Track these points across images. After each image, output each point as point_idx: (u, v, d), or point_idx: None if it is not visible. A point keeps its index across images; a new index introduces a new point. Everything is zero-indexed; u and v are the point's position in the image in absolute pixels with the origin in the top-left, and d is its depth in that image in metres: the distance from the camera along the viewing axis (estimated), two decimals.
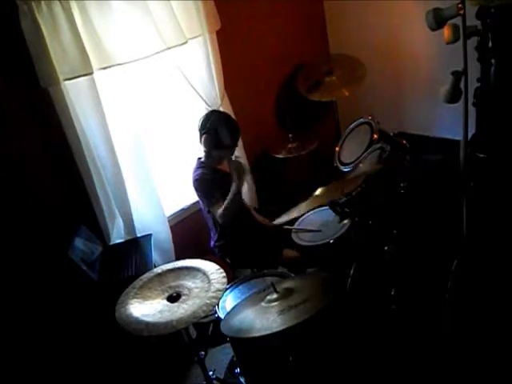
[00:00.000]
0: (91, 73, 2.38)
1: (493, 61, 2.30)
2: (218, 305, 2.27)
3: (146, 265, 2.48)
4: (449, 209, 2.61)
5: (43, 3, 2.18)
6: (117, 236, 2.76)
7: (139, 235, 2.78)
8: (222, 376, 2.48)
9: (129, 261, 2.53)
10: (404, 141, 2.73)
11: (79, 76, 2.35)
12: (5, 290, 2.32)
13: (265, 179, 3.51)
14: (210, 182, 2.64)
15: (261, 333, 1.74)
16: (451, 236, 2.51)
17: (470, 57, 2.11)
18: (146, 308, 1.90)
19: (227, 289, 2.37)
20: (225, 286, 1.96)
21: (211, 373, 2.22)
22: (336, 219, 2.61)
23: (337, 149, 2.81)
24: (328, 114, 3.73)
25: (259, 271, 2.54)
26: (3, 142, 2.32)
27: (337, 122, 3.69)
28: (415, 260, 2.56)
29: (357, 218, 2.56)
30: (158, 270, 2.10)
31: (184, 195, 3.11)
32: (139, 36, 2.52)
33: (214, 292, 1.89)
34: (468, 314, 2.31)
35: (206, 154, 2.71)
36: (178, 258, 2.39)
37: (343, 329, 2.04)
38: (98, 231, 2.65)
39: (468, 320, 2.30)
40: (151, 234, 2.77)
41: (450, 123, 2.95)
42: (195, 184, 2.67)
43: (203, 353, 2.20)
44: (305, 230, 2.76)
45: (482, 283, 2.37)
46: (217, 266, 2.04)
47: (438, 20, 2.01)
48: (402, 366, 2.21)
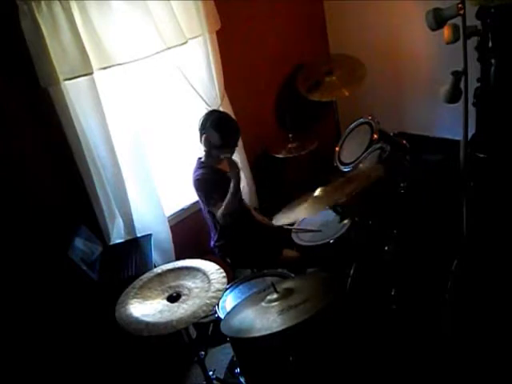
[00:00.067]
0: (91, 73, 2.38)
1: (493, 61, 2.30)
2: (218, 305, 2.27)
3: (146, 265, 2.48)
4: (449, 209, 2.61)
5: (43, 3, 2.18)
6: (117, 236, 2.76)
7: (139, 235, 2.78)
8: (222, 376, 2.48)
9: (129, 261, 2.53)
10: (404, 141, 2.73)
11: (79, 76, 2.35)
12: (5, 290, 2.32)
13: (265, 179, 3.51)
14: (211, 182, 2.64)
15: (261, 333, 1.74)
16: (451, 236, 2.51)
17: (470, 57, 2.10)
18: (146, 308, 1.89)
19: (227, 289, 2.37)
20: (225, 286, 1.96)
21: (211, 373, 2.22)
22: (336, 219, 2.61)
23: (337, 149, 2.81)
24: (328, 114, 3.73)
25: (259, 271, 2.54)
26: (3, 142, 2.32)
27: (337, 122, 3.69)
28: (415, 260, 2.56)
29: (357, 218, 2.57)
30: (158, 270, 2.10)
31: (184, 195, 3.11)
32: (139, 36, 2.52)
33: (214, 292, 1.89)
34: (468, 314, 2.31)
35: (206, 154, 2.71)
36: (178, 258, 2.39)
37: (343, 329, 2.04)
38: (98, 231, 2.65)
39: (468, 320, 2.30)
40: (151, 234, 2.77)
41: (450, 123, 2.95)
42: (196, 184, 2.67)
43: (203, 353, 2.20)
44: (305, 230, 2.76)
45: (482, 283, 2.37)
46: (217, 266, 2.04)
47: (438, 20, 2.01)
48: (402, 366, 2.21)
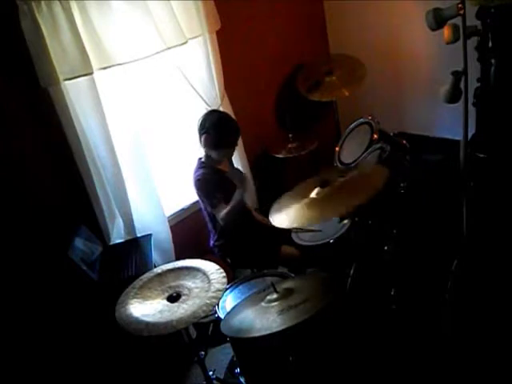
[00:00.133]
0: (91, 73, 2.38)
1: (493, 61, 2.30)
2: (218, 305, 2.27)
3: (146, 265, 2.48)
4: (449, 209, 2.61)
5: (43, 3, 2.18)
6: (117, 236, 2.76)
7: (139, 235, 2.78)
8: (222, 376, 2.48)
9: (129, 261, 2.53)
10: (404, 141, 2.73)
11: (79, 76, 2.35)
12: (5, 290, 2.32)
13: (265, 179, 3.51)
14: (211, 183, 2.64)
15: (261, 333, 1.74)
16: (451, 236, 2.51)
17: (470, 57, 2.10)
18: (146, 308, 1.89)
19: (227, 289, 2.37)
20: (225, 286, 1.96)
21: (211, 373, 2.22)
22: (336, 219, 2.61)
23: (337, 149, 2.81)
24: (328, 114, 3.73)
25: (259, 271, 2.54)
26: (3, 142, 2.32)
27: (337, 122, 3.68)
28: (415, 260, 2.56)
29: (357, 218, 2.57)
30: (158, 270, 2.10)
31: (184, 195, 3.11)
32: (139, 36, 2.52)
33: (214, 292, 1.89)
34: (468, 314, 2.31)
35: (206, 154, 2.71)
36: (178, 258, 2.39)
37: (343, 329, 2.04)
38: (98, 231, 2.64)
39: (468, 320, 2.30)
40: (151, 234, 2.76)
41: (450, 123, 2.95)
42: (196, 184, 2.67)
43: (203, 353, 2.20)
44: (305, 230, 2.76)
45: (482, 283, 2.37)
46: (217, 266, 2.04)
47: (438, 20, 2.01)
48: (402, 366, 2.21)
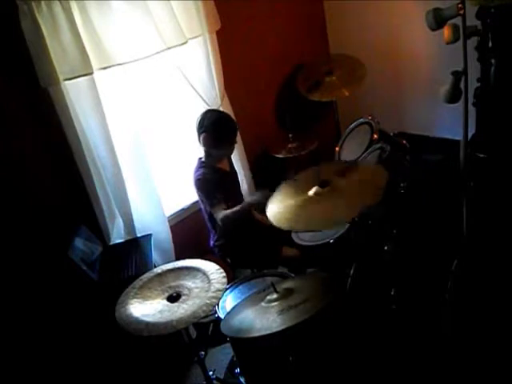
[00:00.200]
0: (91, 73, 2.38)
1: (493, 61, 2.29)
2: (218, 305, 2.27)
3: (146, 265, 2.48)
4: (449, 209, 2.61)
5: (43, 3, 2.18)
6: (117, 236, 2.76)
7: (139, 235, 2.78)
8: (222, 376, 2.48)
9: (129, 261, 2.53)
10: (404, 141, 2.73)
11: (79, 76, 2.35)
12: (5, 290, 2.32)
13: (265, 179, 3.50)
14: (212, 182, 2.64)
15: (261, 333, 1.74)
16: (451, 236, 2.51)
17: (470, 57, 2.10)
18: (146, 308, 1.89)
19: (227, 289, 2.37)
20: (225, 286, 1.96)
21: (211, 373, 2.22)
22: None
23: (337, 149, 2.82)
24: (328, 114, 3.73)
25: (259, 271, 2.54)
26: (3, 142, 2.32)
27: (337, 122, 3.68)
28: (415, 260, 2.56)
29: (357, 218, 2.56)
30: (158, 270, 2.10)
31: (184, 195, 3.11)
32: (139, 36, 2.52)
33: (214, 292, 1.89)
34: (468, 314, 2.31)
35: (206, 154, 2.71)
36: (178, 258, 2.39)
37: (343, 329, 2.04)
38: (98, 231, 2.64)
39: (468, 320, 2.29)
40: (151, 234, 2.76)
41: (450, 123, 2.95)
42: (197, 184, 2.67)
43: (203, 353, 2.20)
44: (305, 230, 2.76)
45: (482, 283, 2.37)
46: (217, 266, 2.04)
47: (438, 20, 2.01)
48: (402, 366, 2.21)
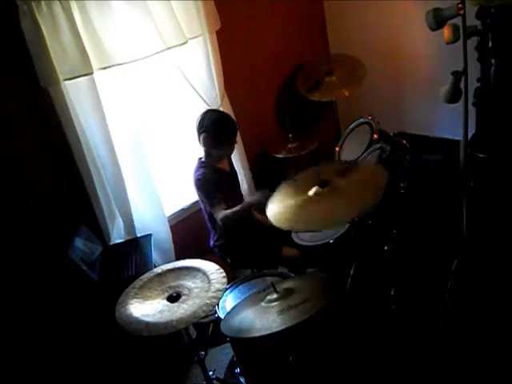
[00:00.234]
0: (91, 73, 2.38)
1: (493, 61, 2.30)
2: (218, 305, 2.27)
3: (146, 265, 2.48)
4: (449, 209, 2.61)
5: (43, 3, 2.18)
6: (117, 236, 2.76)
7: (139, 235, 2.78)
8: (222, 376, 2.48)
9: (129, 261, 2.53)
10: (404, 141, 2.73)
11: (79, 76, 2.35)
12: (5, 290, 2.32)
13: (265, 179, 3.50)
14: (212, 182, 2.64)
15: (261, 333, 1.74)
16: (451, 236, 2.51)
17: (470, 57, 2.10)
18: (146, 308, 1.89)
19: (227, 289, 2.37)
20: (225, 286, 1.96)
21: (211, 373, 2.22)
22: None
23: (337, 149, 2.82)
24: (328, 114, 3.73)
25: (259, 271, 2.54)
26: (3, 142, 2.32)
27: (337, 122, 3.68)
28: (415, 260, 2.56)
29: (357, 218, 2.56)
30: (158, 270, 2.10)
31: (184, 195, 3.11)
32: (139, 36, 2.52)
33: (214, 292, 1.89)
34: (468, 314, 2.31)
35: (206, 154, 2.71)
36: (178, 258, 2.39)
37: (343, 329, 2.04)
38: (98, 231, 2.64)
39: (468, 320, 2.30)
40: (151, 234, 2.76)
41: (450, 123, 2.95)
42: (197, 184, 2.67)
43: (203, 353, 2.20)
44: (305, 230, 2.75)
45: (482, 283, 2.37)
46: (217, 266, 2.04)
47: (438, 20, 2.01)
48: (402, 366, 2.21)
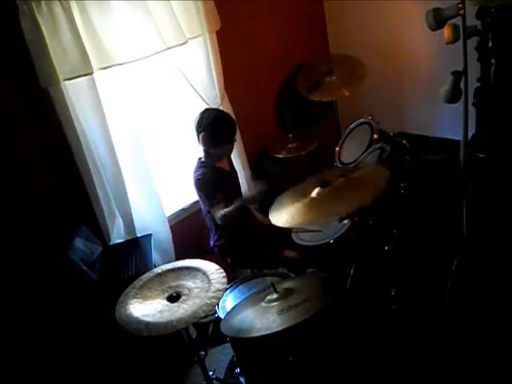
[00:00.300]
0: (91, 73, 2.38)
1: (493, 61, 2.30)
2: (218, 305, 2.27)
3: (146, 265, 2.48)
4: (449, 209, 2.61)
5: (43, 3, 2.18)
6: (117, 236, 2.76)
7: (139, 235, 2.77)
8: (222, 376, 2.48)
9: (129, 261, 2.53)
10: (404, 141, 2.73)
11: (79, 76, 2.35)
12: (5, 290, 2.32)
13: (265, 179, 3.50)
14: (212, 182, 2.64)
15: (261, 333, 1.74)
16: (451, 236, 2.51)
17: (470, 57, 2.10)
18: (146, 308, 1.90)
19: (227, 289, 2.37)
20: (225, 286, 1.96)
21: (211, 373, 2.23)
22: (336, 219, 2.61)
23: (337, 149, 2.81)
24: (328, 114, 3.73)
25: (259, 271, 2.54)
26: (3, 142, 2.32)
27: (337, 122, 3.68)
28: (415, 260, 2.56)
29: (357, 218, 2.57)
30: (158, 270, 2.10)
31: (184, 195, 3.11)
32: (139, 36, 2.52)
33: (214, 292, 1.89)
34: (468, 314, 2.31)
35: (206, 153, 2.71)
36: (178, 258, 2.39)
37: (343, 329, 2.04)
38: (98, 231, 2.64)
39: (468, 320, 2.30)
40: (151, 234, 2.76)
41: (450, 123, 2.95)
42: (197, 184, 2.67)
43: (203, 353, 2.20)
44: (305, 230, 2.76)
45: (482, 283, 2.37)
46: (217, 266, 2.04)
47: (438, 20, 2.01)
48: (402, 366, 2.21)
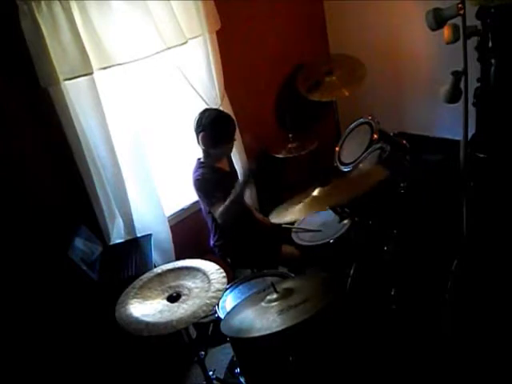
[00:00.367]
0: (91, 73, 2.38)
1: (493, 61, 2.30)
2: (218, 305, 2.27)
3: (146, 265, 2.48)
4: (449, 209, 2.61)
5: (43, 3, 2.18)
6: (117, 236, 2.76)
7: (139, 235, 2.78)
8: (222, 376, 2.48)
9: (129, 261, 2.53)
10: (404, 141, 2.73)
11: (79, 76, 2.35)
12: (5, 290, 2.32)
13: (265, 179, 3.50)
14: (211, 182, 2.63)
15: (261, 333, 1.74)
16: (451, 236, 2.51)
17: (470, 57, 2.11)
18: (146, 308, 1.89)
19: (227, 289, 2.37)
20: (225, 286, 1.96)
21: (211, 373, 2.22)
22: (336, 219, 2.61)
23: (337, 149, 2.81)
24: (328, 114, 3.73)
25: (259, 271, 2.54)
26: (3, 142, 2.32)
27: (337, 122, 3.68)
28: (415, 260, 2.56)
29: (357, 218, 2.56)
30: (158, 270, 2.10)
31: (184, 195, 3.11)
32: (139, 36, 2.52)
33: (214, 292, 1.89)
34: (468, 314, 2.31)
35: (205, 154, 2.71)
36: (178, 258, 2.39)
37: (343, 329, 2.04)
38: (98, 231, 2.64)
39: (468, 320, 2.30)
40: (151, 234, 2.77)
41: (450, 123, 2.95)
42: (196, 184, 2.67)
43: (203, 353, 2.20)
44: (305, 230, 2.76)
45: (482, 283, 2.37)
46: (217, 266, 2.04)
47: (438, 20, 2.01)
48: (402, 366, 2.21)
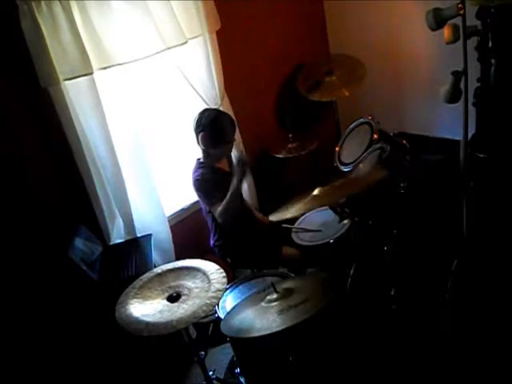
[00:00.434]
0: (91, 73, 2.38)
1: (493, 61, 2.30)
2: (218, 305, 2.27)
3: (146, 265, 2.48)
4: (449, 209, 2.61)
5: (43, 3, 2.18)
6: (117, 236, 2.76)
7: (139, 235, 2.78)
8: (222, 376, 2.49)
9: (129, 261, 2.53)
10: (404, 141, 2.73)
11: (79, 76, 2.35)
12: (5, 290, 2.32)
13: (265, 179, 3.51)
14: (211, 182, 2.63)
15: (261, 333, 1.74)
16: (451, 236, 2.51)
17: (470, 57, 2.11)
18: (146, 308, 1.89)
19: (227, 289, 2.37)
20: (225, 286, 1.96)
21: (211, 373, 2.22)
22: (336, 219, 2.61)
23: (337, 149, 2.81)
24: (328, 114, 3.73)
25: (259, 271, 2.54)
26: (3, 142, 2.32)
27: (337, 122, 3.68)
28: (415, 260, 2.56)
29: (357, 218, 2.56)
30: (158, 270, 2.10)
31: (184, 195, 3.11)
32: (139, 36, 2.52)
33: (214, 292, 1.89)
34: (468, 314, 2.31)
35: (205, 154, 2.70)
36: (178, 258, 2.39)
37: (343, 329, 2.04)
38: (98, 231, 2.65)
39: (468, 320, 2.30)
40: (151, 234, 2.77)
41: (450, 123, 2.95)
42: (196, 184, 2.67)
43: (203, 353, 2.20)
44: (305, 230, 2.76)
45: (482, 283, 2.37)
46: (217, 266, 2.04)
47: (438, 20, 2.01)
48: (402, 366, 2.21)
